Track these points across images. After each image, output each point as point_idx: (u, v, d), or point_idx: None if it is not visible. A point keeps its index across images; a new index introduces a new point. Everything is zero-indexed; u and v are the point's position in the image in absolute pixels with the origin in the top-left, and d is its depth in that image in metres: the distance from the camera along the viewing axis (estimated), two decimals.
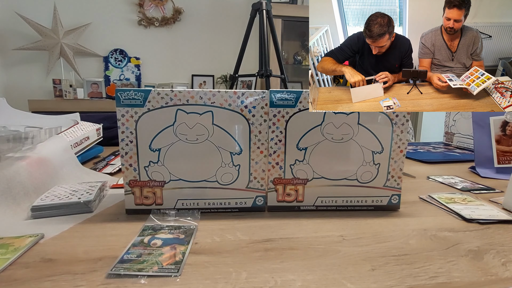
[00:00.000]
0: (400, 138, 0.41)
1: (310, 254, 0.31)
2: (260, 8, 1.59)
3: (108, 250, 0.31)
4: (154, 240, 0.33)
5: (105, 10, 2.52)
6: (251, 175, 0.41)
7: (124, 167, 0.40)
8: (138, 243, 0.33)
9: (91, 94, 2.52)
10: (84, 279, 0.26)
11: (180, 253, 0.31)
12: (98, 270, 0.28)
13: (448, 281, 0.27)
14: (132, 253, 0.31)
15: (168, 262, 0.29)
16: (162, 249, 0.32)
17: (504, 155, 0.64)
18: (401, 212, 0.43)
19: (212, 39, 2.70)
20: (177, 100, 0.38)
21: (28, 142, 0.49)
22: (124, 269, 0.28)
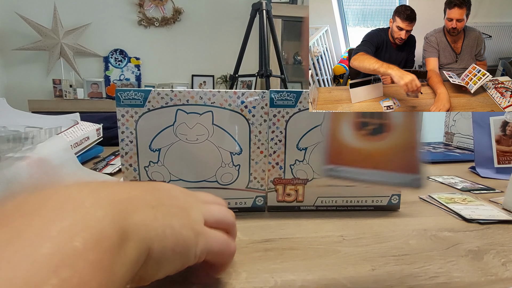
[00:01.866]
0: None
1: (310, 254, 0.31)
2: (260, 8, 1.59)
3: None
4: None
5: (105, 10, 2.52)
6: (251, 175, 0.41)
7: (124, 167, 0.40)
8: None
9: (91, 94, 2.52)
10: None
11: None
12: None
13: (448, 281, 0.27)
14: None
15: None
16: None
17: (504, 155, 0.64)
18: (401, 212, 0.43)
19: (212, 39, 2.70)
20: (177, 100, 0.38)
21: (28, 142, 0.49)
22: None
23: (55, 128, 0.59)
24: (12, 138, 0.45)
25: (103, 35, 2.55)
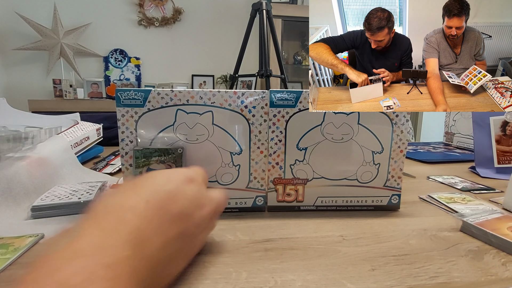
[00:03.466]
0: (400, 138, 0.41)
1: (310, 254, 0.31)
2: (260, 8, 1.59)
3: None
4: None
5: (105, 10, 2.52)
6: (251, 175, 0.41)
7: (124, 167, 0.40)
8: None
9: (91, 94, 2.52)
10: None
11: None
12: None
13: (448, 281, 0.27)
14: None
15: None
16: None
17: (504, 155, 0.64)
18: (401, 212, 0.43)
19: (212, 39, 2.70)
20: (177, 100, 0.38)
21: (28, 142, 0.49)
22: None
23: (55, 128, 0.59)
24: (12, 138, 0.45)
25: (103, 35, 2.55)
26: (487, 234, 0.33)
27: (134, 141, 0.39)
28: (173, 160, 0.38)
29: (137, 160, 0.38)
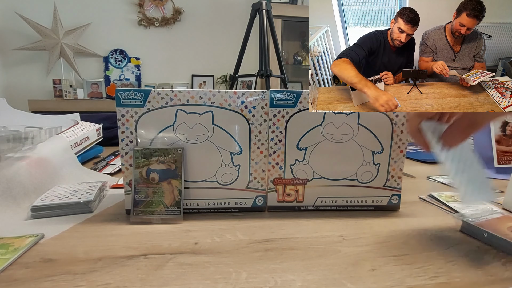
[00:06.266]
0: (400, 138, 0.41)
1: (310, 254, 0.31)
2: (260, 8, 1.59)
3: (108, 250, 0.31)
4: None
5: (105, 10, 2.52)
6: (251, 175, 0.41)
7: (124, 167, 0.40)
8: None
9: (91, 94, 2.52)
10: (84, 279, 0.26)
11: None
12: (98, 270, 0.28)
13: (448, 281, 0.27)
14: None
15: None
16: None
17: (504, 155, 0.64)
18: (401, 212, 0.43)
19: (212, 39, 2.70)
20: (177, 100, 0.38)
21: (28, 142, 0.49)
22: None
23: (55, 128, 0.59)
24: (12, 138, 0.45)
25: (103, 35, 2.55)
26: (487, 234, 0.33)
27: (134, 141, 0.39)
28: (173, 160, 0.38)
29: (137, 160, 0.38)
